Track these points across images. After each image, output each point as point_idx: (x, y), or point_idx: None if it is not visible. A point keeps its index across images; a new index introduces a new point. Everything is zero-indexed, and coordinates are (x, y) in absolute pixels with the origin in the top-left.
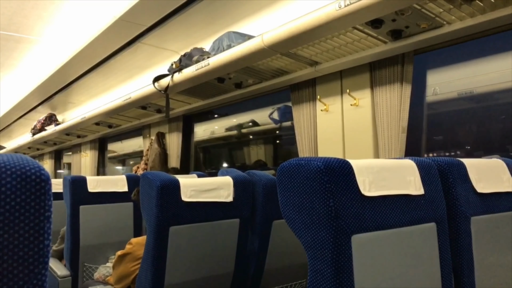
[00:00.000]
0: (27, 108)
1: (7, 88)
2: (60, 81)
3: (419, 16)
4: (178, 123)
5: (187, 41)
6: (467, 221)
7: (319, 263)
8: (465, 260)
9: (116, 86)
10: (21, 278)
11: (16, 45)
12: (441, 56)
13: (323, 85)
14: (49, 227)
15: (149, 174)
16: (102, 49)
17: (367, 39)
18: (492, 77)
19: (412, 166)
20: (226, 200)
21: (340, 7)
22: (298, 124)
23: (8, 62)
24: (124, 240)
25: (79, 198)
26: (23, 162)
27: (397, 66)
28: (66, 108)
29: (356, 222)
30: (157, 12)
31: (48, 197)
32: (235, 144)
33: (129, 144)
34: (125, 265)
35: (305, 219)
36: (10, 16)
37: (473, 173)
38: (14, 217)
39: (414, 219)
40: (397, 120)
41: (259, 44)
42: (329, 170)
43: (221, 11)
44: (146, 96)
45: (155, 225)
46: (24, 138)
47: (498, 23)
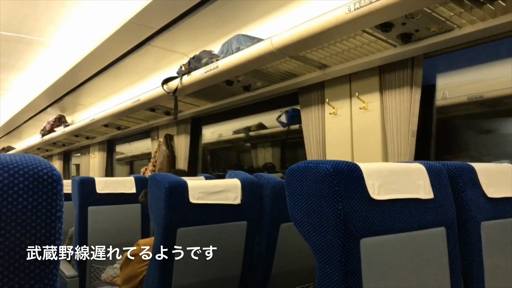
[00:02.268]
0: (37, 109)
1: (18, 89)
2: (70, 83)
3: (429, 19)
4: (186, 125)
5: (196, 44)
6: (477, 226)
7: (327, 267)
8: (475, 265)
9: (125, 88)
10: (32, 278)
11: (28, 47)
12: (451, 59)
13: (332, 88)
14: (60, 227)
15: (157, 175)
16: (112, 52)
17: (376, 42)
18: (503, 82)
19: (422, 170)
20: (234, 203)
21: (349, 11)
22: (306, 127)
23: (19, 64)
24: (132, 241)
25: (88, 199)
26: (35, 162)
27: (406, 69)
28: (75, 110)
29: (365, 225)
30: (166, 14)
31: (59, 197)
32: (243, 147)
33: (137, 146)
34: (133, 266)
35: (314, 222)
36: (22, 18)
37: (483, 178)
38: (26, 217)
39: (424, 223)
40: (407, 124)
41: (268, 47)
42: (338, 173)
43: (230, 14)
44: (154, 98)
45: (163, 227)
46: (33, 139)
47: (509, 27)
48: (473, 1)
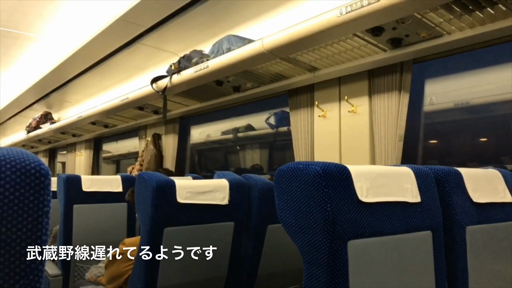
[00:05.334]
0: (22, 105)
1: (4, 84)
2: (57, 79)
3: (420, 25)
4: (174, 125)
5: (187, 43)
6: (463, 230)
7: (314, 268)
8: (459, 269)
9: (114, 86)
10: (17, 273)
11: (14, 42)
12: (439, 65)
13: (321, 91)
14: (47, 222)
15: (145, 174)
16: (101, 49)
17: (367, 46)
18: (489, 89)
19: (410, 174)
20: (222, 203)
21: (341, 14)
22: (295, 129)
23: (5, 59)
24: (118, 240)
25: (73, 197)
26: (23, 156)
27: (395, 74)
28: (62, 107)
29: (352, 227)
30: (157, 13)
31: (47, 192)
32: (231, 148)
33: (124, 145)
34: (118, 265)
35: (302, 223)
36: (10, 12)
37: (469, 183)
38: (12, 211)
39: (410, 226)
40: (394, 128)
41: (259, 48)
42: (327, 175)
43: (222, 14)
44: (143, 96)
45: (150, 226)
46: (18, 136)
47: (497, 35)
48: (462, 8)
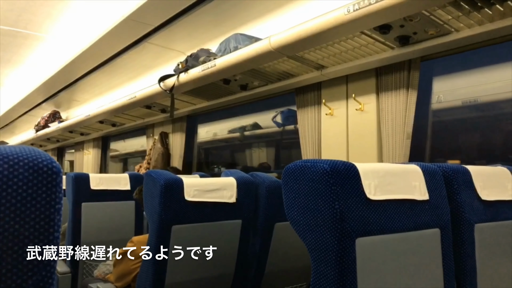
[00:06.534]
0: (31, 104)
1: (13, 84)
2: (65, 79)
3: (428, 22)
4: (182, 123)
5: (194, 42)
6: (471, 228)
7: (322, 266)
8: (468, 266)
9: (121, 85)
10: (30, 269)
11: (24, 42)
12: (447, 63)
13: (329, 89)
14: (59, 219)
15: (153, 172)
16: (109, 48)
17: (374, 44)
18: (497, 86)
19: (418, 172)
20: (229, 201)
21: (348, 12)
22: (302, 128)
23: (14, 58)
24: (126, 238)
25: (82, 195)
26: (35, 154)
27: (403, 72)
28: (70, 106)
29: (360, 225)
30: (165, 12)
31: (59, 189)
32: (238, 146)
33: (132, 143)
34: (126, 263)
35: (310, 221)
36: (19, 12)
37: (478, 180)
38: (25, 208)
39: (418, 224)
40: (402, 126)
41: (266, 47)
42: (335, 173)
43: (229, 13)
44: (151, 95)
45: (158, 224)
46: (27, 135)
47: (506, 32)
48: (471, 5)
